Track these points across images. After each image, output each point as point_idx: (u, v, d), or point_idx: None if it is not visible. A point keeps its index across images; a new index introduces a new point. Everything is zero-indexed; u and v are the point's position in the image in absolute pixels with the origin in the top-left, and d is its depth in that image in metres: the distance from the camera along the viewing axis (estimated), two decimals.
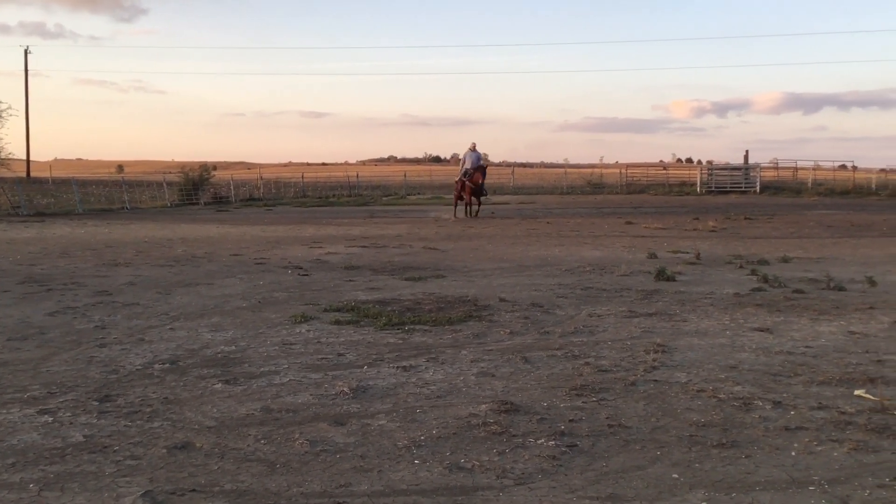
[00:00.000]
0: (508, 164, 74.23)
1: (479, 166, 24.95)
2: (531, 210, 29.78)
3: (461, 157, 26.07)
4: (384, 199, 40.71)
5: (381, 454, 4.76)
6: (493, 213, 27.48)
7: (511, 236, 19.05)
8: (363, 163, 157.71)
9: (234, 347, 7.54)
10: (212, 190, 39.44)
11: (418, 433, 5.13)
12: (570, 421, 5.33)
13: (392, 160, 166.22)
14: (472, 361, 6.92)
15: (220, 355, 7.24)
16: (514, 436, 5.05)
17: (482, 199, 26.00)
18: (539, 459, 4.65)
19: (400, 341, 7.72)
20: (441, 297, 10.16)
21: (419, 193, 44.49)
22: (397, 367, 6.73)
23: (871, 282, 11.02)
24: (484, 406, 5.65)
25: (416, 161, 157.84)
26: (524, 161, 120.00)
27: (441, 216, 26.39)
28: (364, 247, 16.71)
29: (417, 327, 8.33)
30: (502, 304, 9.64)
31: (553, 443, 4.91)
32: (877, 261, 13.98)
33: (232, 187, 40.49)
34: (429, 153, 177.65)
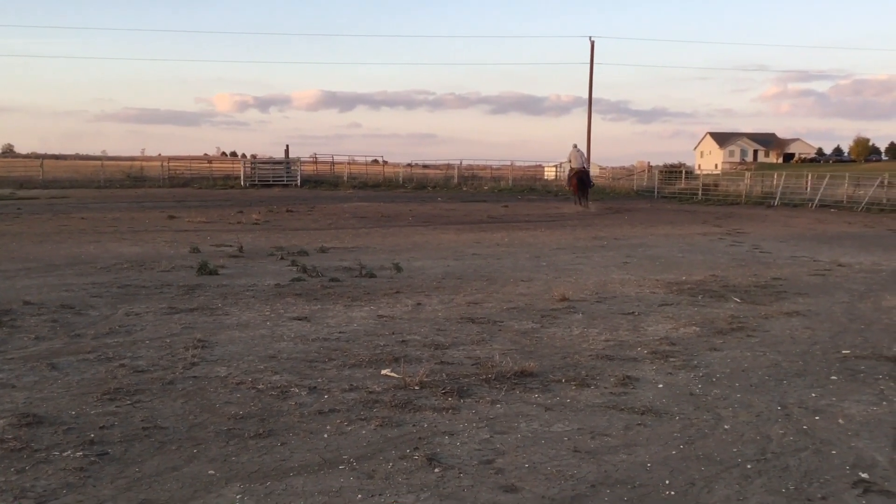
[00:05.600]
0: (38, 156, 67.66)
1: (582, 169, 29.17)
2: (64, 205, 27.55)
3: (568, 156, 29.81)
4: None
5: None
6: (34, 208, 25.02)
7: (39, 233, 17.45)
8: None
9: None
10: None
11: None
12: (102, 428, 5.01)
13: None
14: None
15: None
16: (36, 451, 4.61)
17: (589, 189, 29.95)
18: (65, 473, 4.29)
19: None
20: None
21: None
22: None
23: (398, 268, 12.03)
24: (1, 421, 5.08)
25: None
26: (57, 153, 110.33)
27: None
28: None
29: None
30: (27, 307, 8.77)
31: (81, 453, 4.57)
32: (402, 248, 15.29)
33: None
34: None
